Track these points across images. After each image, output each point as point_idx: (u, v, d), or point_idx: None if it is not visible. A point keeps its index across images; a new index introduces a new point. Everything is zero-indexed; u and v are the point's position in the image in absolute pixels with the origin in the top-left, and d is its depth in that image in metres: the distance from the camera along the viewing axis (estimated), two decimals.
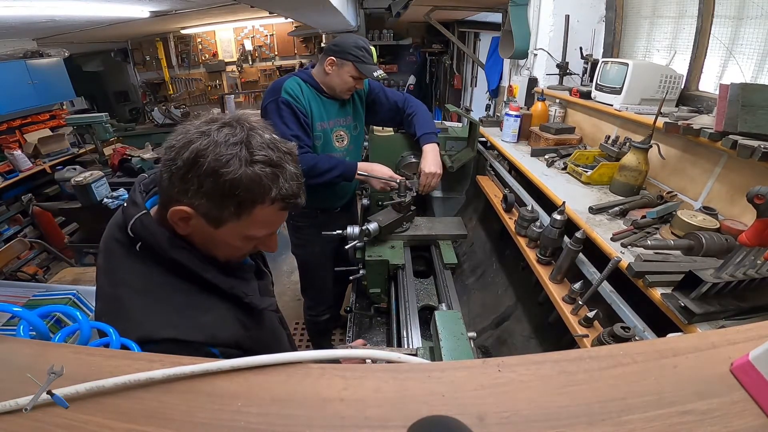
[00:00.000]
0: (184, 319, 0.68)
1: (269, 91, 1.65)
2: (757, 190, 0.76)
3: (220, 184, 0.61)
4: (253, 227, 0.68)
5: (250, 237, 0.70)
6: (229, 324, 0.74)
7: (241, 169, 0.61)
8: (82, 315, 0.59)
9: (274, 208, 0.66)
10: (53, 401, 0.40)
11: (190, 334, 0.66)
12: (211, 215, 0.65)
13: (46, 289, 1.82)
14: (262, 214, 0.66)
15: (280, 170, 0.65)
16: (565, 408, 0.40)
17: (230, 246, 0.71)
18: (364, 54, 1.59)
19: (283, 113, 1.58)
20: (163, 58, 6.14)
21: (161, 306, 0.68)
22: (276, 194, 0.64)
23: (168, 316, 0.67)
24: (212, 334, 0.69)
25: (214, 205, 0.63)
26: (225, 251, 0.73)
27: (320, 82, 1.68)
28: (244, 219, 0.66)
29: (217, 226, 0.66)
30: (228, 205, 0.63)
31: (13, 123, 3.73)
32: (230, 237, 0.68)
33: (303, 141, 1.60)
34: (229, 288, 0.73)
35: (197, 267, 0.69)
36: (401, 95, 1.93)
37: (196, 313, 0.70)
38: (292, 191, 0.67)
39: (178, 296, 0.70)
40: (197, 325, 0.68)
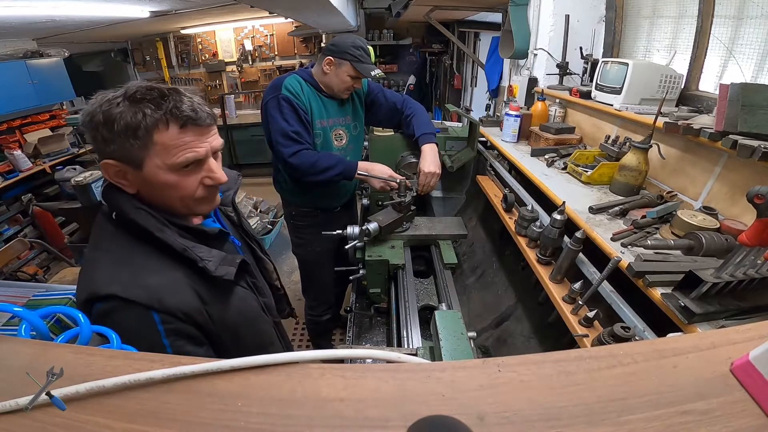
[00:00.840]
0: (132, 277, 0.69)
1: (270, 88, 1.66)
2: (757, 190, 0.76)
3: (114, 127, 0.66)
4: (167, 154, 0.69)
5: (175, 166, 0.70)
6: (181, 291, 0.73)
7: (124, 106, 0.66)
8: (83, 316, 0.59)
9: (174, 130, 0.69)
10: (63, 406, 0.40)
11: (133, 293, 0.68)
12: (128, 159, 0.69)
13: (46, 289, 1.82)
14: (166, 137, 0.68)
15: (163, 97, 0.68)
16: (565, 408, 0.40)
17: (171, 186, 0.72)
18: (362, 54, 1.59)
19: (284, 109, 1.58)
20: (163, 58, 6.13)
21: (118, 265, 0.71)
22: (163, 115, 0.67)
23: (119, 274, 0.70)
24: (158, 298, 0.69)
25: (121, 147, 0.67)
26: (173, 194, 0.74)
27: (319, 81, 1.68)
28: (153, 149, 0.68)
29: (139, 166, 0.70)
30: (130, 142, 0.67)
31: (13, 123, 3.73)
32: (159, 173, 0.70)
33: (303, 137, 1.61)
34: (182, 249, 0.73)
35: (152, 227, 0.72)
36: (400, 96, 1.93)
37: (147, 274, 0.71)
38: (181, 108, 0.68)
39: (138, 258, 0.72)
40: (143, 286, 0.69)
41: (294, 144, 1.59)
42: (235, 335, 0.84)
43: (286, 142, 1.59)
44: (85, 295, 0.68)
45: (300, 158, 1.59)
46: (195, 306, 0.75)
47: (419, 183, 1.75)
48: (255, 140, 5.89)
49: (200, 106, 0.72)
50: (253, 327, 0.92)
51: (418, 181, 1.75)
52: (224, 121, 5.92)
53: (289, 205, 1.96)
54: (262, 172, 5.96)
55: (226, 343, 0.82)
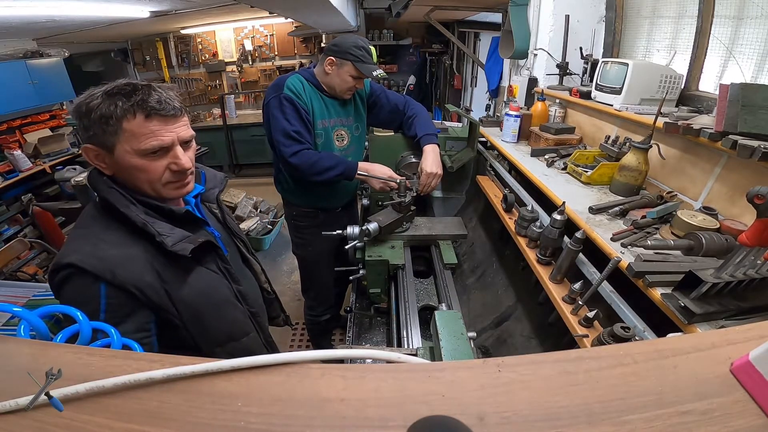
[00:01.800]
0: (93, 249, 0.76)
1: (272, 88, 1.66)
2: (756, 190, 0.76)
3: (91, 116, 0.75)
4: (134, 141, 0.77)
5: (141, 152, 0.78)
6: (138, 266, 0.79)
7: (101, 98, 0.76)
8: (83, 315, 0.59)
9: (141, 119, 0.77)
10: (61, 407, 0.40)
11: (88, 262, 0.74)
12: (102, 143, 0.78)
13: (46, 289, 1.82)
14: (133, 125, 0.76)
15: (135, 91, 0.76)
16: (565, 408, 0.40)
17: (138, 169, 0.80)
18: (364, 54, 1.59)
19: (286, 109, 1.59)
20: (163, 58, 6.13)
21: (85, 239, 0.79)
22: (130, 106, 0.75)
23: (83, 246, 0.77)
24: (111, 270, 0.75)
25: (96, 133, 0.77)
26: (141, 176, 0.81)
27: (321, 81, 1.68)
28: (122, 135, 0.76)
29: (111, 150, 0.78)
30: (103, 128, 0.76)
31: (13, 123, 3.72)
32: (127, 157, 0.78)
33: (304, 137, 1.61)
34: (142, 224, 0.79)
35: (119, 203, 0.79)
36: (402, 98, 1.93)
37: (107, 247, 0.78)
38: (148, 100, 0.76)
39: (105, 234, 0.79)
40: (100, 257, 0.75)
41: (295, 144, 1.59)
42: (197, 317, 0.88)
43: (287, 141, 1.59)
44: (51, 267, 0.77)
45: (301, 158, 1.59)
46: (148, 281, 0.79)
47: (420, 183, 1.75)
48: (255, 140, 5.90)
49: (168, 99, 0.79)
50: (219, 311, 0.93)
51: (419, 182, 1.75)
52: (224, 121, 5.92)
53: (290, 205, 1.96)
54: (262, 172, 5.97)
55: (188, 324, 0.87)
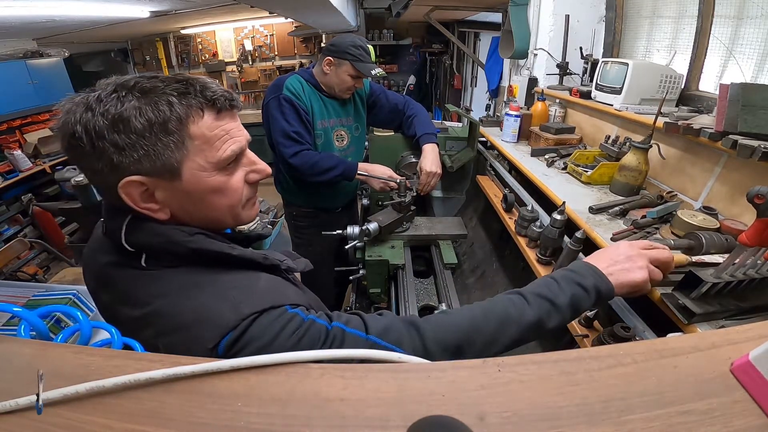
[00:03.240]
0: (242, 294, 0.55)
1: (271, 88, 1.66)
2: (757, 190, 0.76)
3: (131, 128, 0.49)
4: (210, 148, 0.55)
5: (220, 163, 0.57)
6: (287, 286, 0.64)
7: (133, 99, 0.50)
8: (83, 315, 0.59)
9: (210, 117, 0.55)
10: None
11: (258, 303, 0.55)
12: (159, 169, 0.52)
13: (46, 289, 1.82)
14: (203, 128, 0.54)
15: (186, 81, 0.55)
16: (565, 408, 0.40)
17: (220, 190, 0.58)
18: (362, 53, 1.59)
19: (285, 110, 1.59)
20: (163, 58, 6.14)
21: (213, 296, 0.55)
22: (198, 100, 0.53)
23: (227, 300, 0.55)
24: (282, 294, 0.59)
25: (148, 152, 0.51)
26: (223, 201, 0.59)
27: (320, 81, 1.68)
28: (191, 146, 0.53)
29: (177, 175, 0.54)
30: (162, 141, 0.51)
31: (13, 123, 3.73)
32: (203, 177, 0.55)
33: (304, 138, 1.61)
34: (263, 259, 0.62)
35: (223, 248, 0.58)
36: (402, 97, 1.94)
37: (250, 285, 0.58)
38: (214, 90, 0.55)
39: (222, 281, 0.57)
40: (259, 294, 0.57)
41: (295, 144, 1.59)
42: None
43: (287, 142, 1.59)
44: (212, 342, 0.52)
45: (301, 158, 1.60)
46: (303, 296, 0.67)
47: (420, 183, 1.75)
48: (255, 140, 5.74)
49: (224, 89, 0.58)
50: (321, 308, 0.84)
51: (419, 181, 1.75)
52: None
53: (290, 205, 1.96)
54: None
55: None
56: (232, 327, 0.52)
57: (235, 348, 0.52)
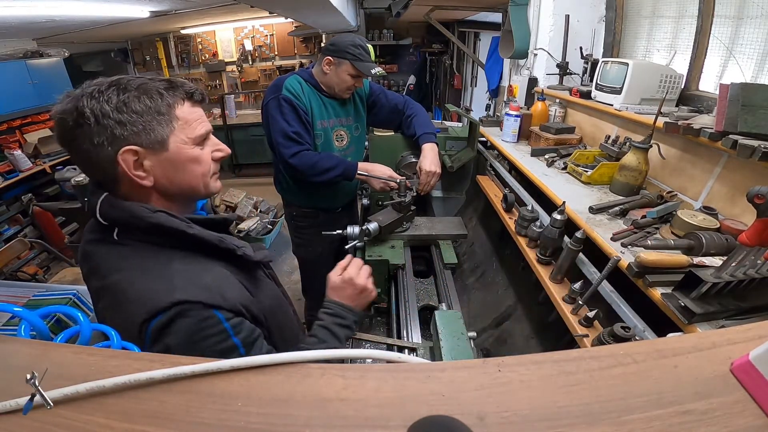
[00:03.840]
0: (187, 281, 0.65)
1: (270, 89, 1.66)
2: (757, 190, 0.76)
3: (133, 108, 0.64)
4: (189, 128, 0.70)
5: (196, 139, 0.71)
6: (233, 284, 0.72)
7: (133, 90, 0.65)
8: (83, 316, 0.59)
9: (189, 105, 0.71)
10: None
11: (194, 293, 0.64)
12: (152, 141, 0.66)
13: (46, 289, 1.82)
14: (185, 112, 0.69)
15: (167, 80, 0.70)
16: (565, 408, 0.40)
17: (196, 160, 0.71)
18: (362, 52, 1.59)
19: (284, 110, 1.59)
20: (163, 58, 6.14)
21: (159, 277, 0.65)
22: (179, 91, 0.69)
23: (170, 281, 0.64)
24: (221, 295, 0.67)
25: (145, 127, 0.65)
26: (198, 169, 0.72)
27: (320, 81, 1.68)
28: (176, 125, 0.68)
29: (165, 146, 0.67)
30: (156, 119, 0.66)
31: (13, 123, 3.73)
32: (185, 149, 0.69)
33: (304, 138, 1.61)
34: (218, 241, 0.72)
35: (180, 225, 0.68)
36: (401, 97, 1.94)
37: (199, 274, 0.67)
38: (191, 86, 0.71)
39: (176, 263, 0.67)
40: (202, 285, 0.66)
41: (294, 145, 1.59)
42: (276, 324, 0.84)
43: (286, 142, 1.59)
44: (141, 318, 0.62)
45: (300, 159, 1.60)
46: (248, 297, 0.74)
47: (420, 183, 1.75)
48: (255, 140, 5.90)
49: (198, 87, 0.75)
50: (285, 314, 0.93)
51: (419, 181, 1.75)
52: (224, 121, 5.93)
53: (290, 205, 1.96)
54: (262, 172, 5.97)
55: (273, 331, 0.82)
56: (162, 309, 0.62)
57: (162, 335, 0.62)
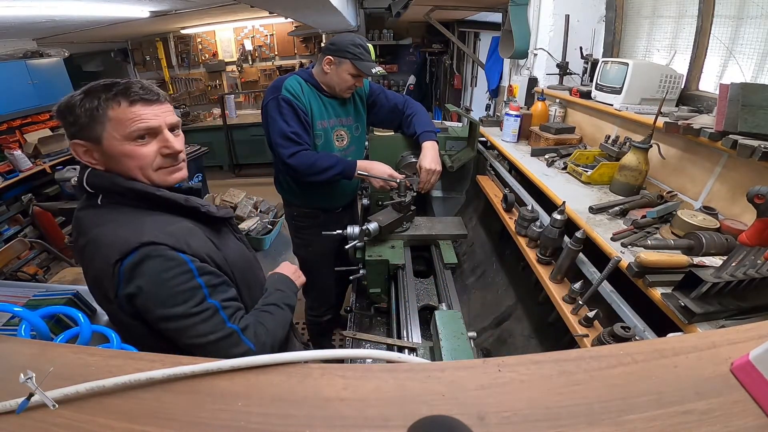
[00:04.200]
0: (154, 228, 0.77)
1: (270, 89, 1.66)
2: (757, 190, 0.76)
3: (75, 111, 0.77)
4: (120, 127, 0.78)
5: (128, 136, 0.79)
6: (198, 236, 0.83)
7: (82, 95, 0.78)
8: (83, 316, 0.59)
9: (125, 105, 0.78)
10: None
11: (161, 238, 0.75)
12: (89, 136, 0.78)
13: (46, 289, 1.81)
14: (118, 113, 0.78)
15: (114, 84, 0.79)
16: (565, 408, 0.40)
17: (127, 155, 0.80)
18: (362, 51, 1.59)
19: (284, 110, 1.58)
20: (163, 58, 6.13)
21: (133, 225, 0.77)
22: (113, 94, 0.78)
23: (141, 228, 0.76)
24: (185, 241, 0.78)
25: (82, 127, 0.78)
26: (132, 163, 0.81)
27: (320, 81, 1.68)
28: (108, 124, 0.78)
29: (99, 141, 0.79)
30: (89, 121, 0.77)
31: (13, 123, 3.72)
32: (115, 144, 0.79)
33: (302, 138, 1.61)
34: (184, 200, 0.84)
35: (150, 188, 0.81)
36: (401, 97, 1.94)
37: (165, 225, 0.80)
38: (130, 87, 0.80)
39: (147, 217, 0.80)
40: (168, 232, 0.77)
41: (293, 145, 1.59)
42: (243, 279, 0.94)
43: (285, 143, 1.59)
44: (114, 258, 0.73)
45: (299, 159, 1.59)
46: (213, 248, 0.85)
47: (420, 181, 1.75)
48: (255, 140, 5.90)
49: (149, 86, 0.83)
50: (254, 273, 1.03)
51: (419, 179, 1.75)
52: (224, 121, 5.92)
53: (290, 205, 1.96)
54: (262, 172, 5.97)
55: (242, 291, 0.92)
56: (132, 249, 0.73)
57: (133, 275, 0.73)
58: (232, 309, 0.85)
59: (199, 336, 0.78)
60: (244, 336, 0.83)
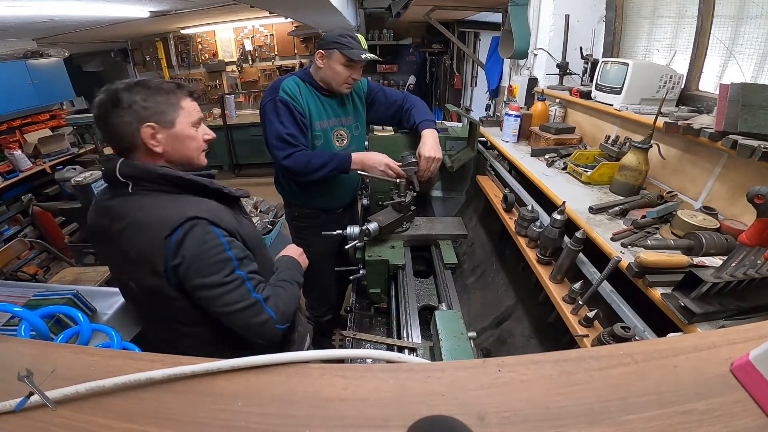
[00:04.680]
0: (191, 206, 0.88)
1: (268, 91, 1.66)
2: (757, 190, 0.76)
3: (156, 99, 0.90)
4: (189, 114, 0.95)
5: (194, 123, 0.96)
6: (225, 213, 0.95)
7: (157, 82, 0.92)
8: (83, 316, 0.59)
9: (189, 99, 0.97)
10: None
11: (201, 213, 0.87)
12: (164, 120, 0.91)
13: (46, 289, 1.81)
14: (187, 104, 0.95)
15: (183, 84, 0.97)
16: (565, 408, 0.40)
17: (192, 137, 0.97)
18: (350, 40, 1.58)
19: (280, 112, 1.59)
20: (163, 58, 6.13)
21: (171, 205, 0.88)
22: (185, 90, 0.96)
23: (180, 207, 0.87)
24: (218, 217, 0.90)
25: (162, 111, 0.91)
26: (193, 144, 0.98)
27: (316, 78, 1.68)
28: (181, 111, 0.94)
29: (173, 125, 0.93)
30: (167, 108, 0.91)
31: (13, 123, 3.72)
32: (186, 128, 0.95)
33: (299, 140, 1.61)
34: (210, 183, 0.97)
35: (181, 173, 0.92)
36: (400, 93, 1.93)
37: (198, 204, 0.91)
38: (190, 87, 0.99)
39: (179, 199, 0.91)
40: (203, 209, 0.89)
41: (288, 147, 1.59)
42: (256, 256, 1.03)
43: (280, 144, 1.59)
44: (164, 233, 0.83)
45: (294, 160, 1.59)
46: (236, 225, 0.96)
47: (420, 168, 1.71)
48: (255, 140, 5.89)
49: None
50: (262, 251, 1.12)
51: (420, 167, 1.73)
52: (224, 121, 5.92)
53: (290, 206, 1.96)
54: (262, 172, 5.97)
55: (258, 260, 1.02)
56: (178, 224, 0.84)
57: (179, 248, 0.84)
58: (256, 281, 0.95)
59: (227, 305, 0.89)
60: (266, 305, 0.94)
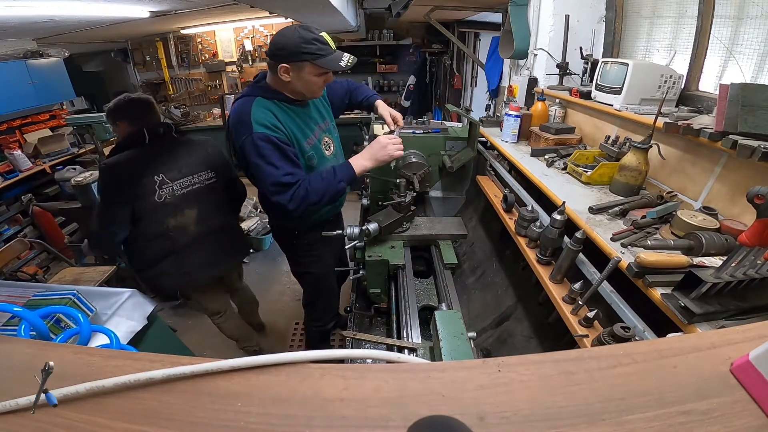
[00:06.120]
0: None
1: (237, 125, 1.39)
2: (757, 190, 0.76)
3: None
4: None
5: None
6: None
7: None
8: (83, 316, 0.59)
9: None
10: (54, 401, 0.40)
11: None
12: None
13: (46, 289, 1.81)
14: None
15: None
16: (565, 408, 0.40)
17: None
18: (319, 46, 1.33)
19: (265, 152, 1.35)
20: (163, 58, 6.13)
21: None
22: None
23: None
24: None
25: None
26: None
27: (285, 92, 1.46)
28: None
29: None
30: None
31: (13, 123, 3.72)
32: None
33: (297, 175, 1.40)
34: None
35: None
36: (345, 81, 1.90)
37: None
38: None
39: None
40: None
41: (288, 189, 1.39)
42: None
43: (281, 189, 1.38)
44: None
45: (297, 201, 1.40)
46: None
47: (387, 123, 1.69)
48: None
49: None
50: None
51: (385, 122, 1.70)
52: (224, 121, 5.91)
53: (284, 231, 1.80)
54: None
55: None
56: None
57: None
58: None
59: None
60: None
